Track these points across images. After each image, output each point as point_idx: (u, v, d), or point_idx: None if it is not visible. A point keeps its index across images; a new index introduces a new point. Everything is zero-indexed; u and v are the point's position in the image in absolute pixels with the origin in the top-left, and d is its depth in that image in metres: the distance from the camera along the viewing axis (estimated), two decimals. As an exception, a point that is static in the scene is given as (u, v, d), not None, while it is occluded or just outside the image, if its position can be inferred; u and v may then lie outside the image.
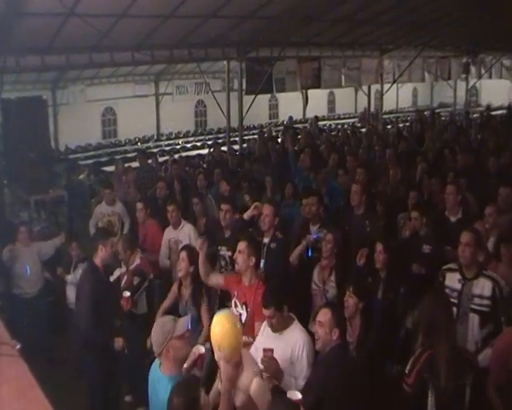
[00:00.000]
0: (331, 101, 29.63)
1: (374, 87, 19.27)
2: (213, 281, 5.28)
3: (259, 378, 3.71)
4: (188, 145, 21.17)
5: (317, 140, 13.62)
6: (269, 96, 23.91)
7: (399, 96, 27.59)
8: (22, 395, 2.75)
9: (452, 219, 6.56)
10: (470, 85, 22.38)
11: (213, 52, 13.48)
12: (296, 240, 6.39)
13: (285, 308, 4.25)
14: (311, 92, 20.14)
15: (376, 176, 9.07)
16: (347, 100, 28.56)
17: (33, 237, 7.52)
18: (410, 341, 4.31)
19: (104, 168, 15.49)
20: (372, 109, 20.92)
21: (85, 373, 5.64)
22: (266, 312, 4.21)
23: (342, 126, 21.76)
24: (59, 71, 16.19)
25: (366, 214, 6.73)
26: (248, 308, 4.82)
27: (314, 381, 3.90)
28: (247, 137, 18.48)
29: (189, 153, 17.97)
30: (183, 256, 5.44)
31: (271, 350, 4.05)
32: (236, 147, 14.52)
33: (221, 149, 12.93)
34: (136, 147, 20.75)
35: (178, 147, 20.67)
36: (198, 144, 21.02)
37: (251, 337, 4.59)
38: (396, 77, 18.84)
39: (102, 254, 5.42)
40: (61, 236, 7.57)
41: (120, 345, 5.21)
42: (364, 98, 19.41)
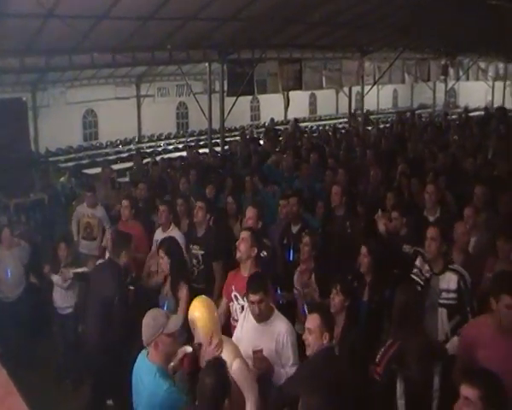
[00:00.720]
0: (312, 102, 29.76)
1: (355, 89, 19.39)
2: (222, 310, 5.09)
3: (240, 359, 3.86)
4: (169, 147, 21.06)
5: (299, 141, 13.67)
6: (250, 97, 23.93)
7: (380, 97, 27.83)
8: (0, 403, 2.73)
9: (431, 218, 6.63)
10: (449, 87, 22.70)
11: (195, 54, 13.50)
12: (279, 241, 6.45)
13: (270, 295, 4.40)
14: (293, 94, 20.26)
15: (357, 177, 9.16)
16: (328, 101, 28.70)
17: (14, 241, 7.42)
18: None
19: (85, 171, 15.38)
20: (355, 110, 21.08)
21: (92, 376, 5.66)
22: (255, 297, 4.23)
23: (323, 127, 21.88)
24: (39, 73, 16.04)
25: (347, 216, 6.79)
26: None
27: (299, 378, 3.94)
28: (229, 138, 18.50)
29: (171, 155, 17.90)
30: (162, 254, 5.48)
31: (261, 351, 4.15)
32: (218, 149, 14.54)
33: (195, 152, 12.91)
34: (117, 149, 20.66)
35: (160, 149, 20.55)
36: (180, 146, 20.93)
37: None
38: (376, 78, 19.02)
39: (125, 259, 5.52)
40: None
41: None
42: (345, 100, 19.53)
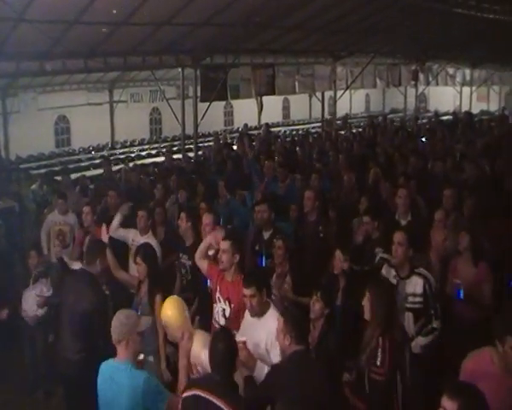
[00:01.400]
0: (286, 107, 29.93)
1: (327, 93, 19.58)
2: (199, 264, 5.45)
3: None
4: (143, 153, 20.97)
5: (272, 146, 13.74)
6: (224, 103, 23.99)
7: (353, 101, 28.07)
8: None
9: (403, 221, 6.76)
10: (419, 92, 23.07)
11: (168, 59, 13.47)
12: (251, 247, 6.50)
13: (264, 292, 4.51)
14: (266, 99, 20.33)
15: (330, 181, 9.25)
16: (302, 106, 28.92)
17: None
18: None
19: (57, 178, 15.21)
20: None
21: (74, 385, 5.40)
22: (247, 291, 4.44)
23: (297, 132, 22.02)
24: (9, 78, 15.83)
25: (319, 220, 6.85)
26: (232, 304, 4.98)
27: (271, 383, 3.96)
28: (203, 144, 18.51)
29: (144, 161, 17.84)
30: (139, 261, 5.47)
31: (243, 341, 4.23)
32: (192, 154, 14.53)
33: (172, 157, 12.92)
34: (90, 155, 20.47)
35: (133, 155, 20.44)
36: (153, 152, 20.85)
37: (235, 331, 4.69)
38: (349, 83, 19.20)
39: (99, 267, 5.39)
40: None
41: None
42: (318, 104, 19.70)
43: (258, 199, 7.36)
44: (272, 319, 4.37)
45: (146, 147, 22.44)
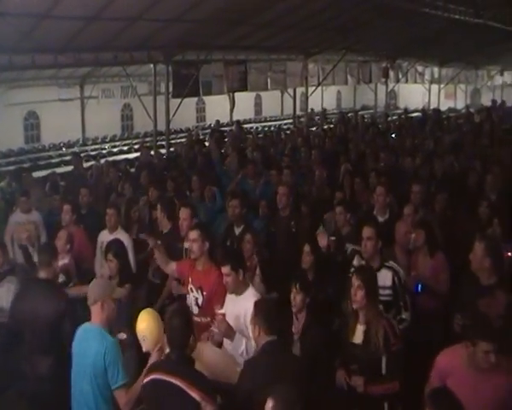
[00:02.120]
0: (258, 103, 30.03)
1: (299, 90, 19.69)
2: (169, 270, 5.57)
3: None
4: (114, 150, 20.80)
5: (244, 143, 13.79)
6: (196, 99, 23.94)
7: (324, 98, 28.30)
8: None
9: (380, 219, 6.82)
10: (389, 89, 23.40)
11: (139, 55, 13.41)
12: (222, 242, 6.53)
13: (240, 273, 4.71)
14: (238, 95, 20.35)
15: (302, 177, 9.35)
16: (274, 102, 29.02)
17: None
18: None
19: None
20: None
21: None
22: (223, 269, 4.69)
23: (269, 128, 22.11)
24: (-24, 73, 15.56)
25: (292, 216, 6.88)
26: (204, 292, 5.08)
27: (248, 375, 4.00)
28: (175, 140, 18.45)
29: (116, 157, 17.71)
30: (110, 258, 5.47)
31: (223, 314, 4.54)
32: (163, 151, 14.49)
33: (148, 152, 12.87)
34: (60, 152, 20.23)
35: (105, 151, 20.27)
36: (125, 149, 20.70)
37: (208, 318, 4.90)
38: (320, 80, 19.36)
39: (52, 270, 5.22)
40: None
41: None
42: (290, 101, 19.82)
43: (227, 195, 7.36)
44: (251, 298, 4.58)
45: (117, 143, 22.28)
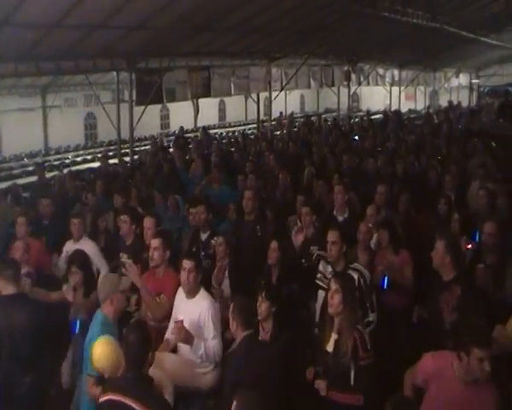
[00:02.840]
0: (222, 109, 30.08)
1: (263, 94, 19.84)
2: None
3: None
4: (78, 159, 20.54)
5: (208, 149, 13.83)
6: (160, 106, 23.85)
7: (288, 102, 28.53)
8: None
9: (340, 218, 7.01)
10: (352, 92, 23.75)
11: (102, 63, 13.30)
12: (188, 249, 6.57)
13: (200, 274, 4.90)
14: (202, 101, 20.41)
15: (266, 181, 9.45)
16: (238, 108, 29.13)
17: None
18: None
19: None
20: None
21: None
22: (188, 263, 4.82)
23: (233, 134, 22.19)
24: None
25: (257, 220, 6.97)
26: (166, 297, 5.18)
27: (229, 371, 4.25)
28: (139, 148, 18.37)
29: (80, 167, 17.53)
30: (74, 270, 5.40)
31: (181, 321, 4.63)
32: (128, 159, 14.42)
33: (108, 162, 12.80)
34: (22, 162, 19.89)
35: (68, 161, 19.99)
36: (89, 158, 20.46)
37: (167, 323, 5.06)
38: (284, 84, 19.52)
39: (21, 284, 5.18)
40: None
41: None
42: (254, 106, 19.95)
43: (191, 201, 7.40)
44: (203, 299, 4.86)
45: (81, 152, 22.01)
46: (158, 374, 4.09)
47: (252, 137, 17.83)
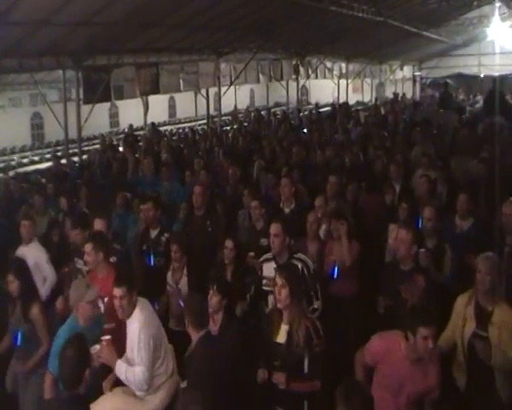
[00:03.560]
0: (172, 106, 29.93)
1: (212, 90, 19.86)
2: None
3: None
4: (24, 161, 20.01)
5: (158, 146, 13.79)
6: (109, 104, 23.55)
7: (238, 97, 28.61)
8: None
9: (286, 209, 7.09)
10: (301, 85, 24.03)
11: (48, 61, 13.02)
12: (138, 247, 6.57)
13: (134, 293, 4.57)
14: (152, 98, 20.24)
15: (216, 176, 9.54)
16: (188, 104, 28.99)
17: None
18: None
19: None
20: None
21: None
22: (118, 291, 4.50)
23: (183, 130, 22.13)
24: None
25: (207, 215, 6.99)
26: (105, 298, 5.03)
27: (189, 374, 4.25)
28: (88, 147, 18.10)
29: (27, 168, 17.13)
30: (11, 279, 5.25)
31: (107, 340, 4.44)
32: (76, 158, 14.22)
33: (60, 162, 12.62)
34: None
35: (14, 163, 19.44)
36: (36, 159, 19.98)
37: (113, 324, 4.88)
38: (233, 79, 19.61)
39: None
40: None
41: None
42: (204, 101, 19.95)
43: (135, 199, 7.39)
44: (134, 321, 4.51)
45: (28, 154, 21.49)
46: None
47: (201, 132, 17.83)
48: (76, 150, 14.99)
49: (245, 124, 18.97)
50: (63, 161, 13.25)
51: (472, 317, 4.46)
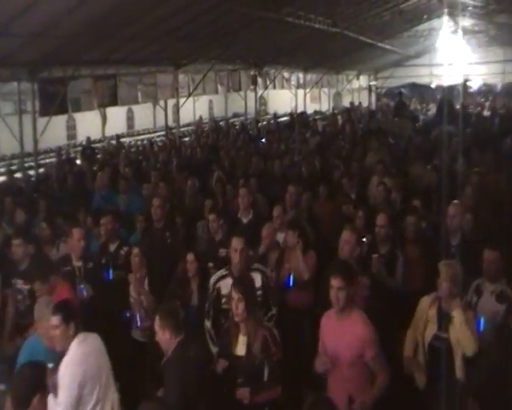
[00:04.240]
0: (130, 117, 29.65)
1: (171, 101, 19.84)
2: None
3: None
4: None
5: (116, 158, 13.70)
6: (66, 116, 23.19)
7: (196, 108, 28.63)
8: None
9: (244, 220, 7.19)
10: (259, 95, 24.23)
11: (1, 73, 12.83)
12: (98, 261, 6.51)
13: (72, 326, 4.24)
14: (110, 110, 20.10)
15: (176, 188, 9.55)
16: (146, 116, 28.80)
17: None
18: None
19: None
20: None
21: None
22: (53, 320, 4.23)
23: (142, 142, 22.01)
24: None
25: (166, 227, 7.00)
26: None
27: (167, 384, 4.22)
28: (44, 161, 17.78)
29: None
30: None
31: (52, 370, 4.07)
32: (32, 172, 13.98)
33: (13, 177, 12.40)
34: None
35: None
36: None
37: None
38: (191, 90, 19.65)
39: None
40: None
41: None
42: (163, 113, 19.90)
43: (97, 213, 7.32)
44: (66, 357, 4.16)
45: (-20, 168, 20.94)
46: None
47: (160, 144, 17.79)
48: (32, 164, 14.76)
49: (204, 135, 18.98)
50: (18, 175, 12.99)
51: (434, 320, 4.62)
